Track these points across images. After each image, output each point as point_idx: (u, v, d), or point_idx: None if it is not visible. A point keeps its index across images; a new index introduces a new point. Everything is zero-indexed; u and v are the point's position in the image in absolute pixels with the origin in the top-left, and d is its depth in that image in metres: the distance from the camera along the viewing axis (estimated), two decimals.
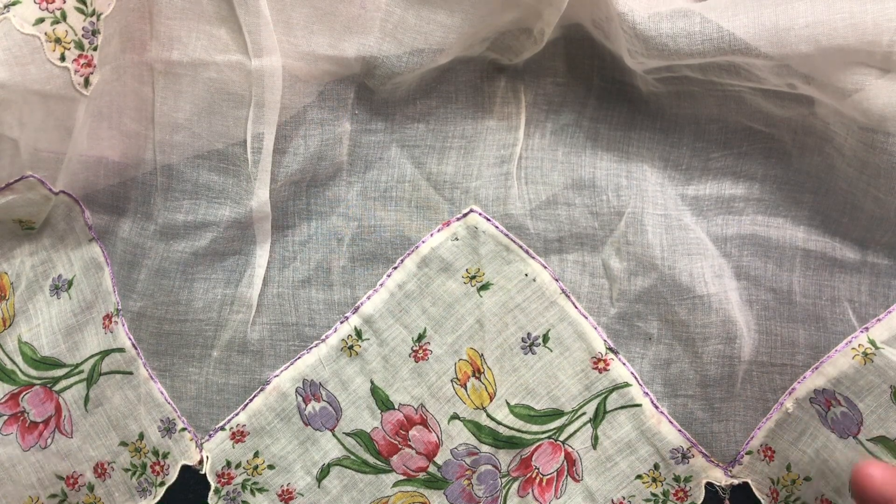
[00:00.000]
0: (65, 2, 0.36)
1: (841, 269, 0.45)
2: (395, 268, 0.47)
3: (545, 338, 0.46)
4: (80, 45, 0.38)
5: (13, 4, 0.36)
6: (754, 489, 0.46)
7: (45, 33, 0.36)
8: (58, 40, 0.37)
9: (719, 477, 0.46)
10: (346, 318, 0.47)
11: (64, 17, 0.37)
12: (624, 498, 0.47)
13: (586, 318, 0.46)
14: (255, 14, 0.40)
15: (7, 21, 0.35)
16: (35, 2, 0.36)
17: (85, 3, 0.37)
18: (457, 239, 0.47)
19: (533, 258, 0.46)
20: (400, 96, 0.47)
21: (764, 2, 0.38)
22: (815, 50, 0.37)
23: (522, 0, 0.42)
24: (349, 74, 0.45)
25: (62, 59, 0.37)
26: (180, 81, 0.43)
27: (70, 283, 0.47)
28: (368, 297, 0.47)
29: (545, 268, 0.46)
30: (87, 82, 0.39)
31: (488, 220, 0.46)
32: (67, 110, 0.40)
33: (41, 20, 0.36)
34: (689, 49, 0.39)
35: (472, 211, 0.47)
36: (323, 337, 0.47)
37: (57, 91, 0.38)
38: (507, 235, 0.46)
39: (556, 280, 0.46)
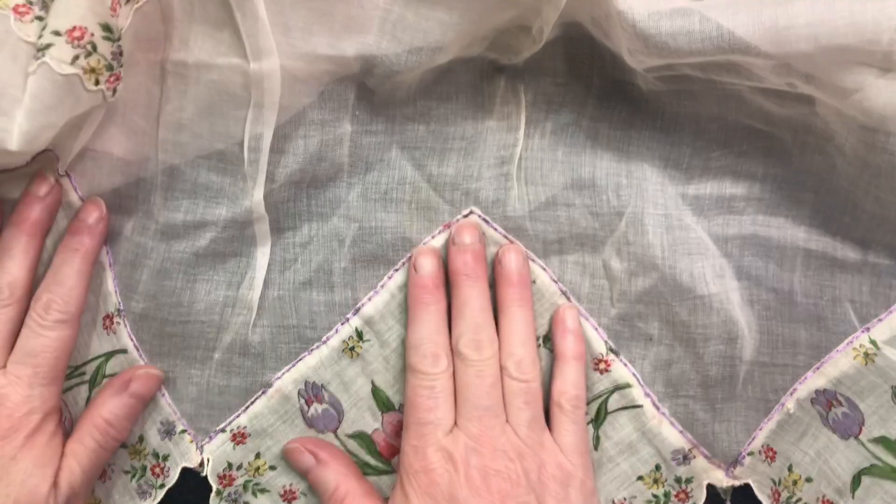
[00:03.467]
0: (93, 35, 0.37)
1: (842, 269, 0.45)
2: (397, 269, 0.47)
3: (545, 339, 0.46)
4: (110, 67, 0.39)
5: (47, 48, 0.36)
6: (756, 490, 0.46)
7: (83, 68, 0.37)
8: (93, 70, 0.38)
9: (721, 478, 0.46)
10: (347, 319, 0.47)
11: (94, 48, 0.37)
12: (625, 499, 0.47)
13: (587, 319, 0.46)
14: (252, 18, 0.40)
15: (46, 65, 0.36)
16: (67, 42, 0.36)
17: (111, 31, 0.38)
18: None
19: (533, 260, 0.46)
20: (400, 97, 0.47)
21: (764, 0, 0.38)
22: (816, 49, 0.37)
23: None
24: (349, 74, 0.45)
25: (96, 83, 0.38)
26: (186, 82, 0.43)
27: None
28: (369, 299, 0.47)
29: (545, 269, 0.46)
30: (114, 92, 0.40)
31: (488, 222, 0.46)
32: (92, 113, 0.41)
33: (77, 57, 0.37)
34: (689, 48, 0.39)
35: (472, 212, 0.47)
36: (324, 339, 0.47)
37: (90, 107, 0.40)
38: (506, 237, 0.46)
39: (556, 282, 0.46)
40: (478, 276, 0.45)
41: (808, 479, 0.45)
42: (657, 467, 0.46)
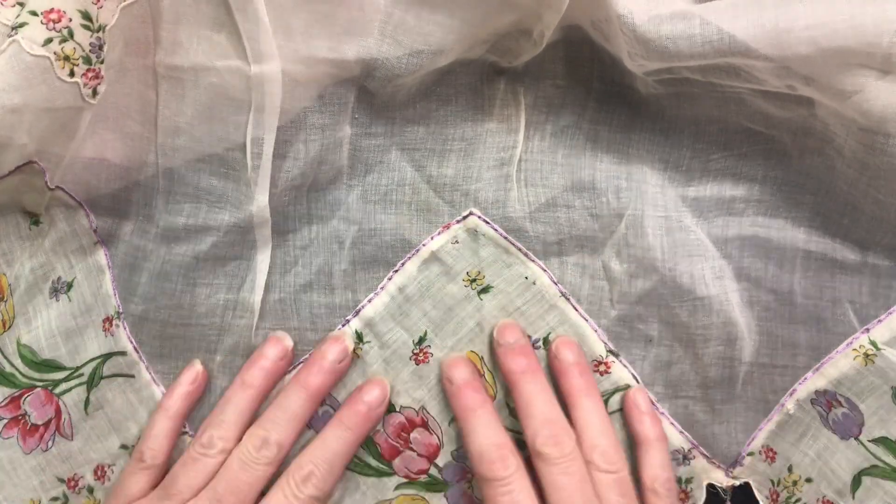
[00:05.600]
0: (71, 20, 0.36)
1: (842, 270, 0.45)
2: (396, 271, 0.47)
3: (545, 341, 0.46)
4: (87, 60, 0.38)
5: (20, 27, 0.36)
6: (755, 490, 0.46)
7: (55, 52, 0.36)
8: (66, 58, 0.37)
9: (720, 478, 0.46)
10: (348, 321, 0.47)
11: (71, 34, 0.36)
12: None
13: (587, 320, 0.46)
14: (253, 21, 0.40)
15: (16, 44, 0.35)
16: (42, 22, 0.36)
17: (91, 20, 0.37)
18: (457, 242, 0.47)
19: (533, 261, 0.46)
20: (400, 100, 0.47)
21: (764, 4, 0.38)
22: (815, 51, 0.37)
23: (521, 2, 0.42)
24: (349, 77, 0.44)
25: (71, 74, 0.37)
26: (183, 86, 0.43)
27: (69, 286, 0.47)
28: (369, 301, 0.47)
29: (545, 271, 0.46)
30: (94, 92, 0.39)
31: (487, 222, 0.46)
32: (74, 117, 0.40)
33: (49, 40, 0.36)
34: (690, 51, 0.39)
35: (471, 214, 0.47)
36: None
37: (66, 104, 0.38)
38: (506, 238, 0.46)
39: (556, 283, 0.46)
40: (535, 371, 0.43)
41: (808, 480, 0.45)
42: None
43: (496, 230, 0.46)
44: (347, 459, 0.44)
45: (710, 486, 0.47)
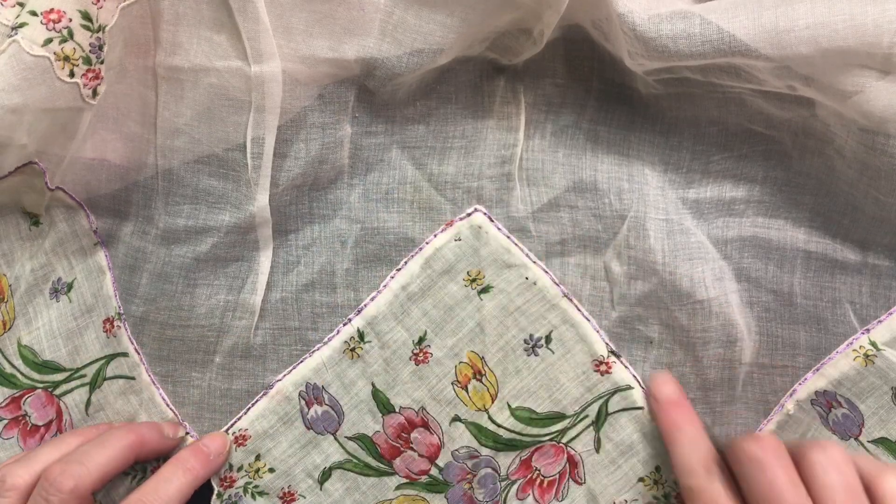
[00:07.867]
0: (71, 20, 0.36)
1: (842, 270, 0.45)
2: (399, 269, 0.47)
3: (548, 339, 0.46)
4: (87, 61, 0.38)
5: (20, 27, 0.36)
6: None
7: (55, 53, 0.36)
8: (66, 58, 0.37)
9: None
10: (350, 320, 0.47)
11: (71, 35, 0.37)
12: (626, 501, 0.47)
13: (589, 320, 0.46)
14: (254, 20, 0.40)
15: (16, 44, 0.35)
16: (42, 23, 0.36)
17: (91, 20, 0.37)
18: (459, 239, 0.47)
19: (534, 262, 0.46)
20: (400, 98, 0.47)
21: (764, 3, 0.38)
22: (816, 51, 0.37)
23: (521, 1, 0.42)
24: (349, 76, 0.45)
25: (71, 74, 0.37)
26: (182, 86, 0.43)
27: (70, 286, 0.47)
28: (372, 299, 0.47)
29: (546, 272, 0.46)
30: (94, 93, 0.39)
31: (492, 220, 0.46)
32: (74, 118, 0.40)
33: (49, 40, 0.36)
34: (690, 51, 0.39)
35: (476, 210, 0.47)
36: (326, 340, 0.47)
37: (66, 105, 0.39)
38: (508, 237, 0.46)
39: (558, 284, 0.46)
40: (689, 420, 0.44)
41: None
42: (657, 469, 0.46)
43: (499, 229, 0.46)
44: (181, 501, 0.43)
45: None
